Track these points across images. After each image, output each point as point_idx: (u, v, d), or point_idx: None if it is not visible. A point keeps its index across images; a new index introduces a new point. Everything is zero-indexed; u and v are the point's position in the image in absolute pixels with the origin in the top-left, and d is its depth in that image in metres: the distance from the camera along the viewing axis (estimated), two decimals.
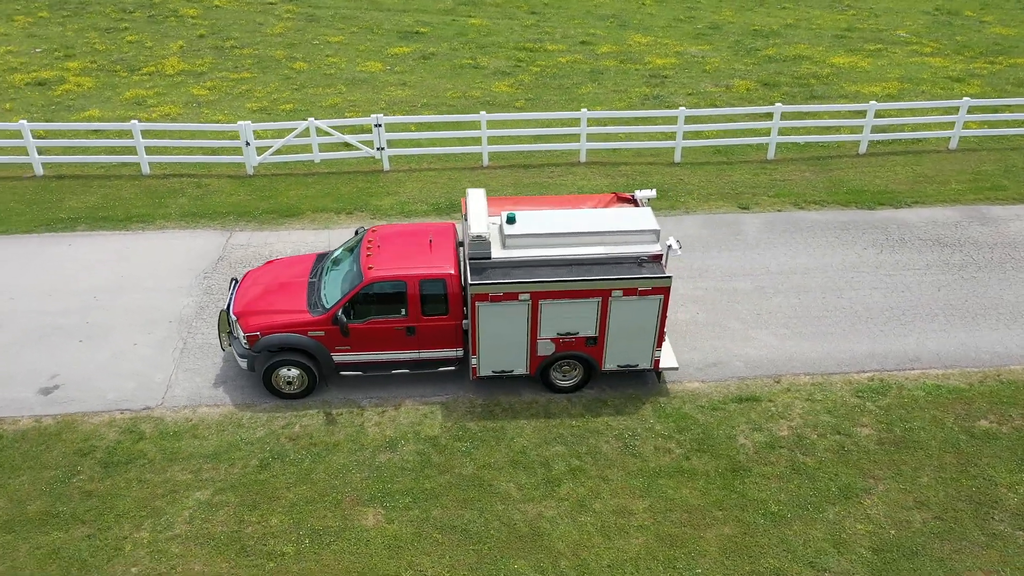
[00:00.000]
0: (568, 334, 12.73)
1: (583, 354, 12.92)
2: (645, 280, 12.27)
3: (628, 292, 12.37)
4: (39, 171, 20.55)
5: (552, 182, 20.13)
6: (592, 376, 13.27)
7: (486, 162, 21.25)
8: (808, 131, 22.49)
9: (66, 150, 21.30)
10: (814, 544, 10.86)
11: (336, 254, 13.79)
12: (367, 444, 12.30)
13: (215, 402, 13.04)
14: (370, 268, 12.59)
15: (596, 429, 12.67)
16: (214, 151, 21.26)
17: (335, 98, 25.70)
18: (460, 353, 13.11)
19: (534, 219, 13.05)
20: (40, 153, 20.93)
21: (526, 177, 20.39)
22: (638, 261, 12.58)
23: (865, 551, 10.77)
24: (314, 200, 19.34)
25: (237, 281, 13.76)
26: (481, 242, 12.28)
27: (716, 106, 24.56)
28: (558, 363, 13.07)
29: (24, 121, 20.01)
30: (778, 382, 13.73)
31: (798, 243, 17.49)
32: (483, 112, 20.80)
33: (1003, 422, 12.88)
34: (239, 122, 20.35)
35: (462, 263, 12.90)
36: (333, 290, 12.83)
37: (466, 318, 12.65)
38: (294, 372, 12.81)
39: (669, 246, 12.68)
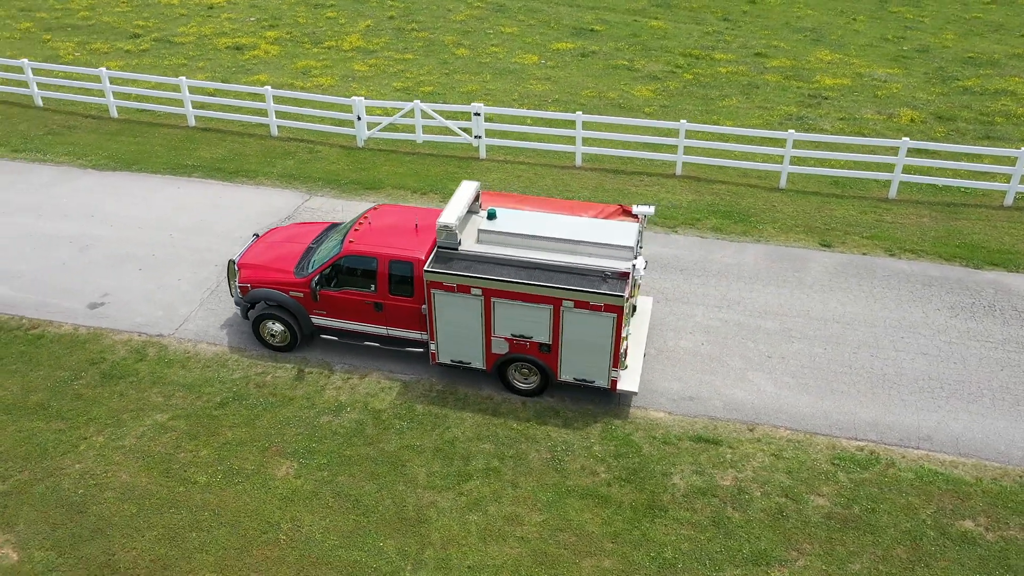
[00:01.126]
0: (522, 336, 12.70)
1: (537, 359, 12.83)
2: (597, 295, 11.95)
3: (580, 304, 12.11)
4: (192, 122, 23.40)
5: (637, 191, 19.69)
6: (549, 384, 13.12)
7: (578, 162, 21.21)
8: (942, 172, 20.16)
9: (221, 107, 23.97)
10: None
11: (342, 225, 14.68)
12: (317, 404, 13.11)
13: (215, 341, 14.46)
14: (351, 242, 13.34)
15: (533, 436, 12.57)
16: (337, 122, 22.99)
17: (474, 86, 26.67)
18: (426, 337, 13.51)
19: (515, 219, 13.11)
20: (194, 107, 23.80)
21: (613, 183, 20.11)
22: (603, 276, 12.26)
23: None
24: (400, 177, 20.42)
25: (257, 236, 15.09)
26: (448, 232, 12.58)
27: (863, 134, 22.66)
28: (516, 364, 13.07)
29: (184, 78, 22.88)
30: (751, 430, 12.76)
31: (861, 291, 15.89)
32: (579, 112, 20.75)
33: (992, 528, 11.12)
34: (352, 97, 21.89)
35: None
36: (320, 257, 13.73)
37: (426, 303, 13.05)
38: (278, 327, 13.90)
39: (633, 265, 12.24)
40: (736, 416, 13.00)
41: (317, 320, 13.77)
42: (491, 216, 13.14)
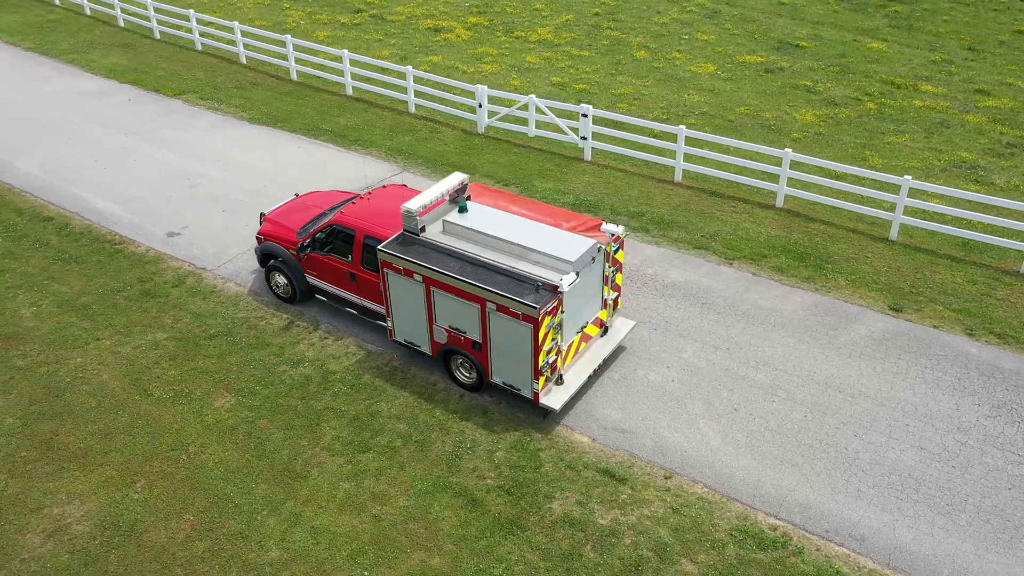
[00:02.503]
0: (458, 330, 12.94)
1: (471, 355, 13.00)
2: (516, 303, 11.89)
3: (501, 309, 12.12)
4: (349, 92, 25.73)
5: (720, 215, 18.63)
6: (484, 383, 13.24)
7: (678, 177, 20.48)
8: None
9: (372, 81, 26.02)
10: None
11: (357, 197, 15.71)
12: (285, 353, 14.34)
13: (241, 283, 16.23)
14: (341, 213, 14.33)
15: (448, 428, 12.82)
16: (468, 108, 24.05)
17: (628, 89, 26.49)
18: None
19: (482, 216, 13.33)
20: (353, 79, 26.08)
21: (700, 203, 19.18)
22: (536, 285, 12.16)
23: None
24: (493, 166, 21.07)
25: (297, 196, 16.57)
26: (409, 216, 13.12)
27: None
28: (455, 356, 13.34)
29: (346, 51, 25.19)
30: (667, 478, 11.99)
31: (895, 366, 14.01)
32: (683, 126, 20.01)
33: None
34: (476, 85, 22.82)
35: None
36: (318, 223, 14.88)
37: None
38: (282, 279, 15.32)
39: (561, 279, 12.00)
40: (659, 460, 12.24)
41: (310, 279, 14.95)
42: (462, 209, 13.44)
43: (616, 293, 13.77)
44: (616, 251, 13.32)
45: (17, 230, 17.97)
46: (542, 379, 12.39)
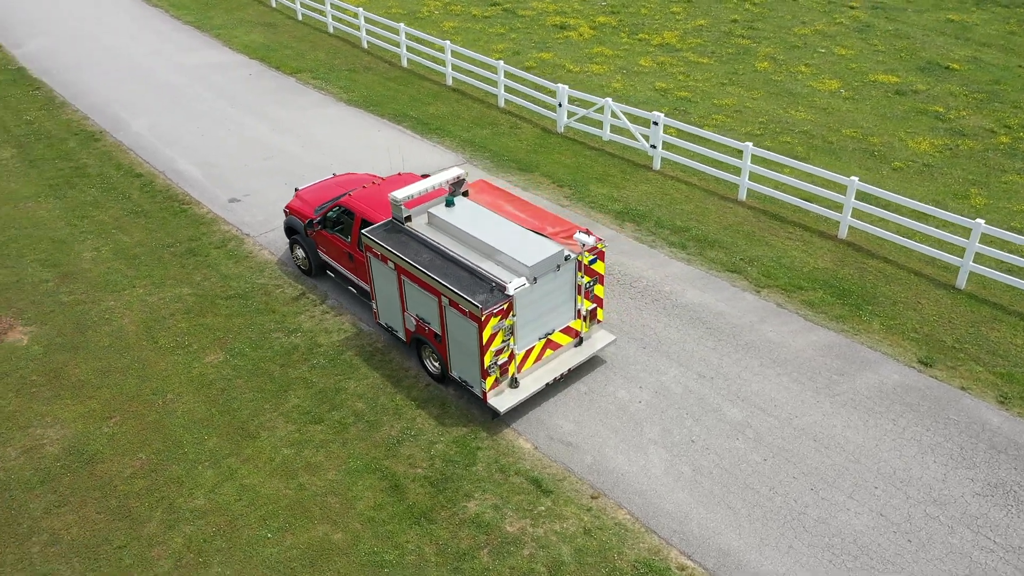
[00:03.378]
0: (423, 320, 13.24)
1: (434, 347, 13.26)
2: (464, 300, 12.03)
3: (452, 304, 12.29)
4: (449, 82, 26.48)
5: (771, 240, 17.65)
6: (446, 375, 13.46)
7: (742, 196, 19.62)
8: None
9: (469, 73, 26.59)
10: None
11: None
12: (284, 322, 15.23)
13: (274, 252, 17.33)
14: (348, 195, 14.98)
15: (402, 414, 13.17)
16: (551, 106, 24.15)
17: (731, 100, 25.59)
18: None
19: (465, 212, 13.52)
20: (453, 70, 26.81)
21: (760, 227, 18.19)
22: (492, 285, 12.25)
23: None
24: (556, 166, 21.05)
25: (335, 175, 17.40)
26: (395, 205, 13.54)
27: None
28: (425, 346, 13.65)
29: (448, 42, 25.93)
30: (593, 498, 11.74)
31: (890, 425, 12.86)
32: (749, 143, 19.11)
33: None
34: (558, 84, 22.86)
35: None
36: (330, 203, 15.61)
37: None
38: (300, 253, 16.23)
39: (511, 281, 12.00)
40: (592, 479, 11.97)
41: (320, 255, 15.74)
42: (448, 204, 13.69)
43: (594, 305, 13.50)
44: (593, 262, 13.06)
45: (109, 183, 20.07)
46: (489, 379, 12.42)
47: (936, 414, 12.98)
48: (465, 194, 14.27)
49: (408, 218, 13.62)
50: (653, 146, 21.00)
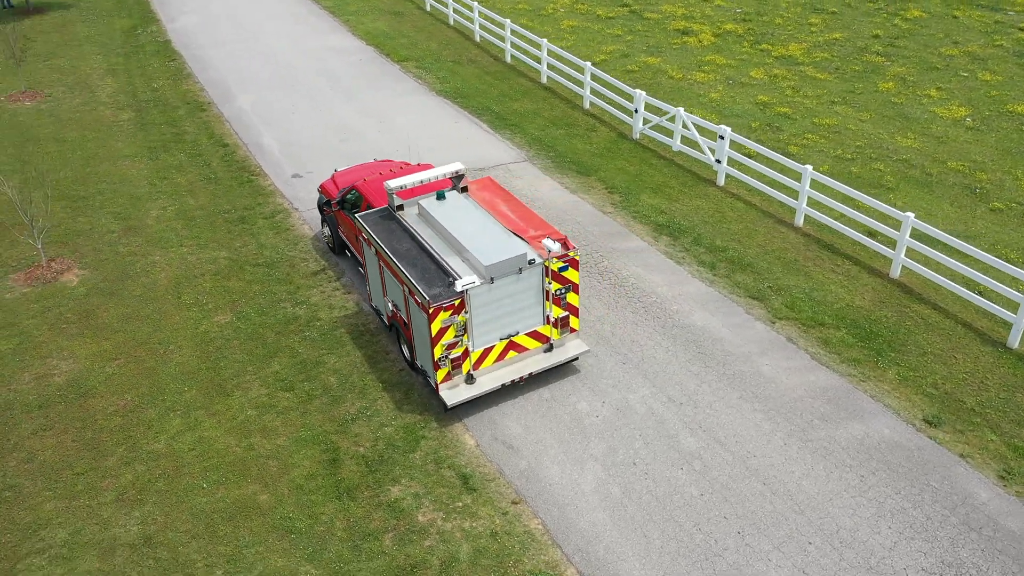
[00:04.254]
0: (396, 307, 13.67)
1: (404, 334, 13.67)
2: (417, 291, 12.35)
3: (411, 294, 12.64)
4: (543, 80, 26.72)
5: (818, 273, 16.62)
6: (413, 363, 13.83)
7: (798, 222, 18.62)
8: None
9: (559, 72, 26.63)
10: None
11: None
12: (296, 293, 16.14)
13: (314, 228, 18.32)
14: (364, 180, 15.64)
15: (367, 394, 13.66)
16: (630, 112, 23.79)
17: (833, 119, 24.24)
18: None
19: (450, 206, 13.81)
20: (549, 68, 26.92)
21: (806, 256, 17.17)
22: (450, 280, 12.50)
23: None
24: (616, 172, 20.80)
25: (375, 160, 18.13)
26: (390, 194, 14.03)
27: None
28: (399, 332, 14.08)
29: (545, 40, 26.12)
30: (514, 503, 11.74)
31: (856, 482, 11.92)
32: (809, 166, 18.10)
33: None
34: (636, 90, 22.54)
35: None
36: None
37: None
38: (326, 230, 17.12)
39: (460, 279, 12.20)
40: (519, 484, 11.96)
41: (341, 234, 16.52)
42: (439, 197, 14.01)
43: (567, 313, 13.37)
44: (563, 269, 12.95)
45: (198, 149, 21.91)
46: (441, 371, 12.65)
47: (916, 478, 11.88)
48: (464, 189, 14.50)
49: (400, 207, 14.05)
50: (718, 160, 20.26)
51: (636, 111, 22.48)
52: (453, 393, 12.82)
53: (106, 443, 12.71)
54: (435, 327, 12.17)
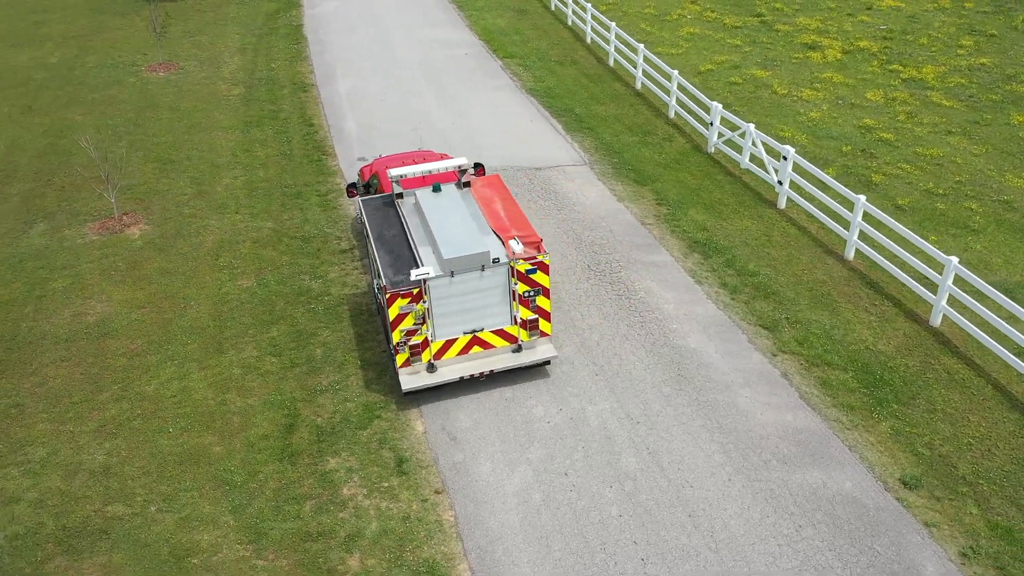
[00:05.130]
0: (377, 290, 14.24)
1: (382, 317, 14.22)
2: (380, 276, 12.85)
3: (378, 277, 13.16)
4: (637, 86, 26.47)
5: (847, 312, 15.60)
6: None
7: (849, 255, 17.54)
8: None
9: (652, 80, 26.12)
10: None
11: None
12: (317, 269, 17.06)
13: (352, 204, 19.27)
14: (385, 166, 16.32)
15: (344, 370, 14.30)
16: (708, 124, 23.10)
17: (942, 150, 22.53)
18: None
19: (441, 199, 14.21)
20: (643, 75, 26.56)
21: (843, 292, 16.13)
22: (412, 267, 12.94)
23: None
24: (674, 184, 20.35)
25: (418, 149, 18.75)
26: (393, 181, 14.61)
27: None
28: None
29: (642, 46, 25.85)
30: (436, 492, 11.98)
31: (791, 531, 11.21)
32: (862, 196, 17.00)
33: None
34: (713, 102, 21.90)
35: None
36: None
37: None
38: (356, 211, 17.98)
39: (415, 269, 12.59)
40: (448, 475, 12.19)
41: None
42: (435, 189, 14.43)
43: (536, 316, 13.40)
44: (532, 272, 13.00)
45: (285, 127, 23.48)
46: (400, 356, 13.07)
47: (859, 539, 11.04)
48: (467, 184, 14.81)
49: (400, 195, 14.57)
50: (780, 182, 19.36)
51: (711, 124, 21.82)
52: (411, 379, 13.19)
53: (106, 380, 14.11)
54: (392, 312, 12.59)
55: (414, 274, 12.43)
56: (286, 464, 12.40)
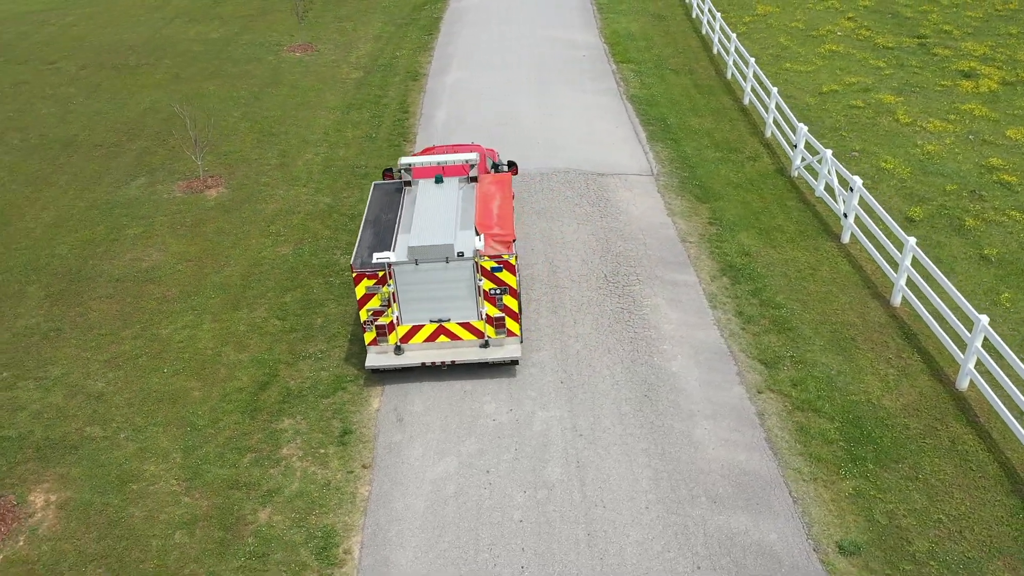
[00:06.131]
0: None
1: None
2: (355, 255, 13.54)
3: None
4: (746, 101, 25.53)
5: (876, 367, 14.41)
6: None
7: (895, 301, 16.22)
8: None
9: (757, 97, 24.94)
10: None
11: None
12: (348, 246, 18.10)
13: None
14: (415, 154, 16.98)
15: (335, 339, 15.15)
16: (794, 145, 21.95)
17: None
18: None
19: (437, 191, 14.71)
20: (751, 91, 25.48)
21: (872, 343, 14.88)
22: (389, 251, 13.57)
23: None
24: (738, 207, 19.50)
25: (471, 143, 19.25)
26: (404, 168, 15.26)
27: None
28: None
29: (753, 60, 24.87)
30: (364, 467, 12.54)
31: (682, 567, 10.82)
32: (912, 238, 15.68)
33: None
34: (800, 124, 20.80)
35: None
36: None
37: None
38: None
39: (379, 253, 13.17)
40: (381, 453, 12.65)
41: None
42: (437, 181, 14.94)
43: (503, 314, 13.55)
44: (497, 270, 13.17)
45: (381, 112, 24.77)
46: (368, 334, 13.71)
47: None
48: (474, 179, 15.17)
49: (409, 183, 15.18)
50: (844, 215, 18.12)
51: (795, 146, 20.71)
52: (376, 357, 13.78)
53: (134, 319, 15.81)
54: (359, 291, 13.22)
55: (376, 257, 12.97)
56: (246, 417, 13.38)
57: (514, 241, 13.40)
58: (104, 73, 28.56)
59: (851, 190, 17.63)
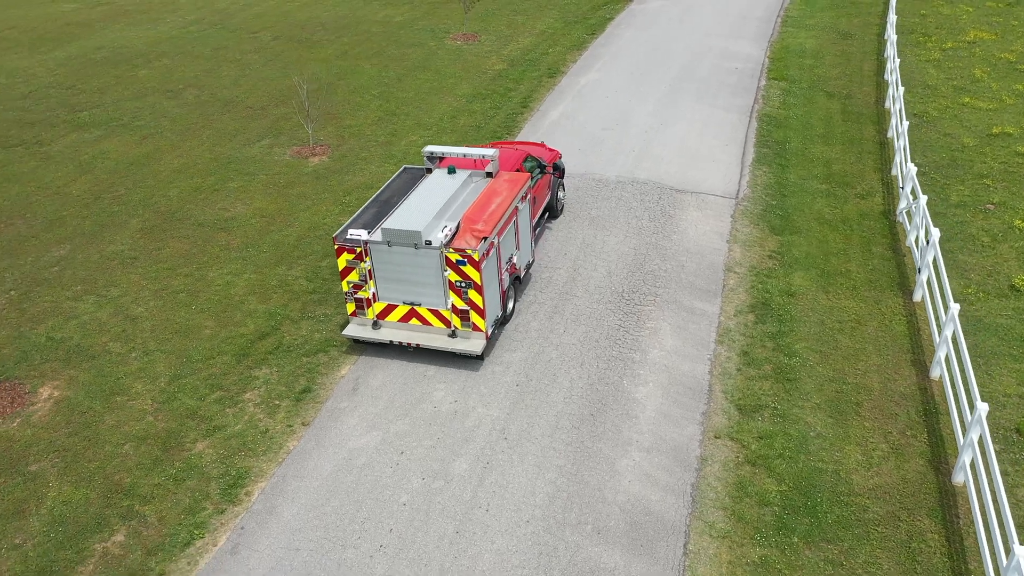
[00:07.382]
0: None
1: None
2: (341, 228, 14.46)
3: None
4: (889, 133, 23.34)
5: (863, 435, 13.04)
6: None
7: (934, 373, 14.56)
8: None
9: None
10: None
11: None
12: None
13: None
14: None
15: (342, 307, 16.30)
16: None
17: None
18: None
19: (444, 179, 15.23)
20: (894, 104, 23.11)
21: (885, 414, 13.36)
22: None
23: None
24: (812, 246, 17.98)
25: (541, 142, 19.40)
26: (426, 156, 15.94)
27: None
28: None
29: (902, 88, 22.62)
30: (304, 424, 13.50)
31: None
32: (957, 305, 13.91)
33: None
34: (910, 164, 18.84)
35: None
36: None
37: None
38: None
39: (355, 231, 13.96)
40: (323, 417, 13.50)
41: None
42: (450, 171, 15.45)
43: (467, 307, 13.82)
44: (461, 263, 13.46)
45: (504, 105, 25.45)
46: (349, 305, 14.59)
47: None
48: (489, 174, 15.50)
49: (429, 170, 15.81)
50: (919, 269, 16.31)
51: (902, 188, 18.75)
52: (354, 328, 14.62)
53: (194, 260, 17.86)
54: (340, 263, 14.11)
55: (350, 233, 13.73)
56: (234, 360, 14.78)
57: (486, 238, 13.55)
58: (289, 45, 31.77)
59: (927, 243, 15.72)
